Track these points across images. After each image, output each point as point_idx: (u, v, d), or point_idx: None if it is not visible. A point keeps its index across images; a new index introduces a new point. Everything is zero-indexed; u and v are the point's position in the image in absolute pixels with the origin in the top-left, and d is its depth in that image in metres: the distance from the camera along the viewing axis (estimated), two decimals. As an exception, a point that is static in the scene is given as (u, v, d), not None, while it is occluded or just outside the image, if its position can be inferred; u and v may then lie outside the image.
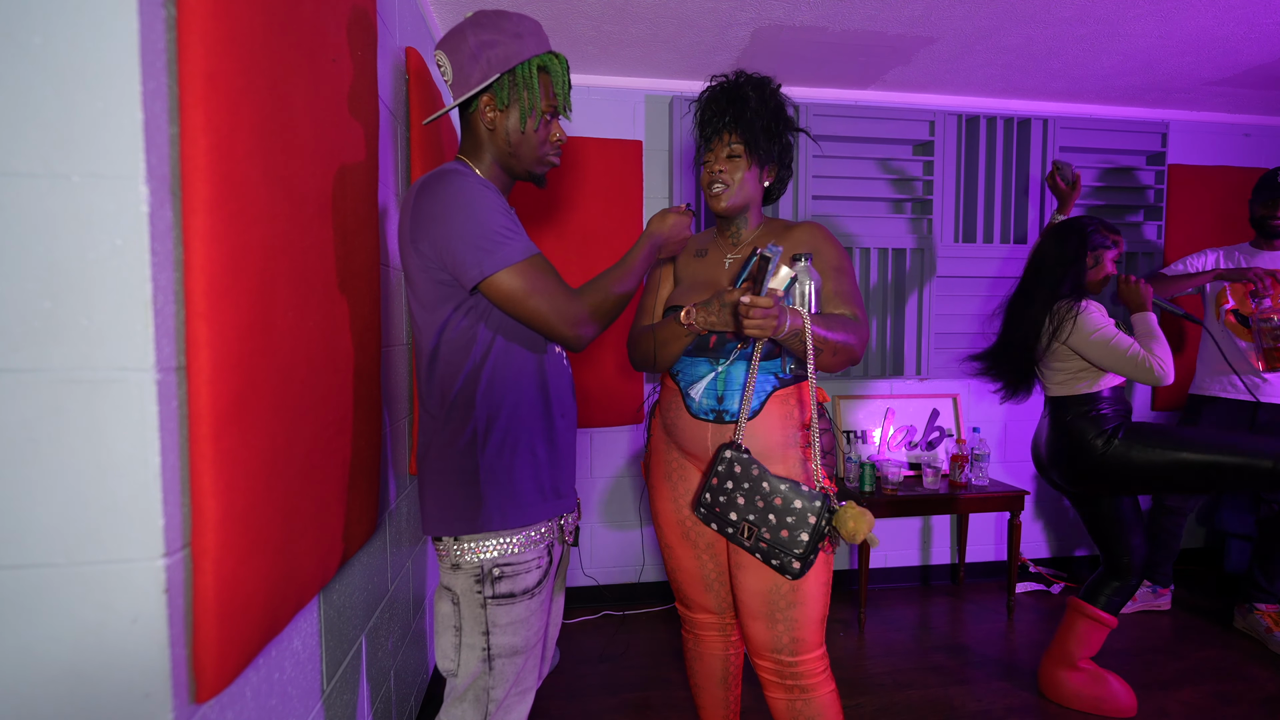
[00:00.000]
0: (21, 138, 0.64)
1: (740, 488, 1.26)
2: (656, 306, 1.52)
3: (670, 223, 1.31)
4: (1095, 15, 2.11)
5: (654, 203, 2.75)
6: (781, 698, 1.37)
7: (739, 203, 1.39)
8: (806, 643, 1.34)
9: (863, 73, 2.62)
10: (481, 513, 1.09)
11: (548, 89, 1.15)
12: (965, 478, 2.72)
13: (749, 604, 1.36)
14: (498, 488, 1.10)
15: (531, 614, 1.12)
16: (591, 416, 2.66)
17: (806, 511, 1.22)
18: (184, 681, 0.74)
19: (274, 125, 0.87)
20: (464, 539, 1.10)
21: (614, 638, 2.53)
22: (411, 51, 1.71)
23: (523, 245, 1.07)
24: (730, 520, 1.27)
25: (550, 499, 1.15)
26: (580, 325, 1.11)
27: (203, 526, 0.75)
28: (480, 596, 1.09)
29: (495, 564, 1.09)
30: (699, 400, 1.37)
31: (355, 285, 1.21)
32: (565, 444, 1.19)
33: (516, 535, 1.10)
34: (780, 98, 1.39)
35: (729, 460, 1.28)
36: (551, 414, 1.16)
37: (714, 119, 1.37)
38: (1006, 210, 2.90)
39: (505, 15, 1.12)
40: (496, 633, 1.09)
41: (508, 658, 1.11)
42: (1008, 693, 2.15)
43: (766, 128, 1.36)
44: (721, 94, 1.37)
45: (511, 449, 1.11)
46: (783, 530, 1.23)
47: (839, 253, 1.40)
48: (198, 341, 0.73)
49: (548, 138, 1.18)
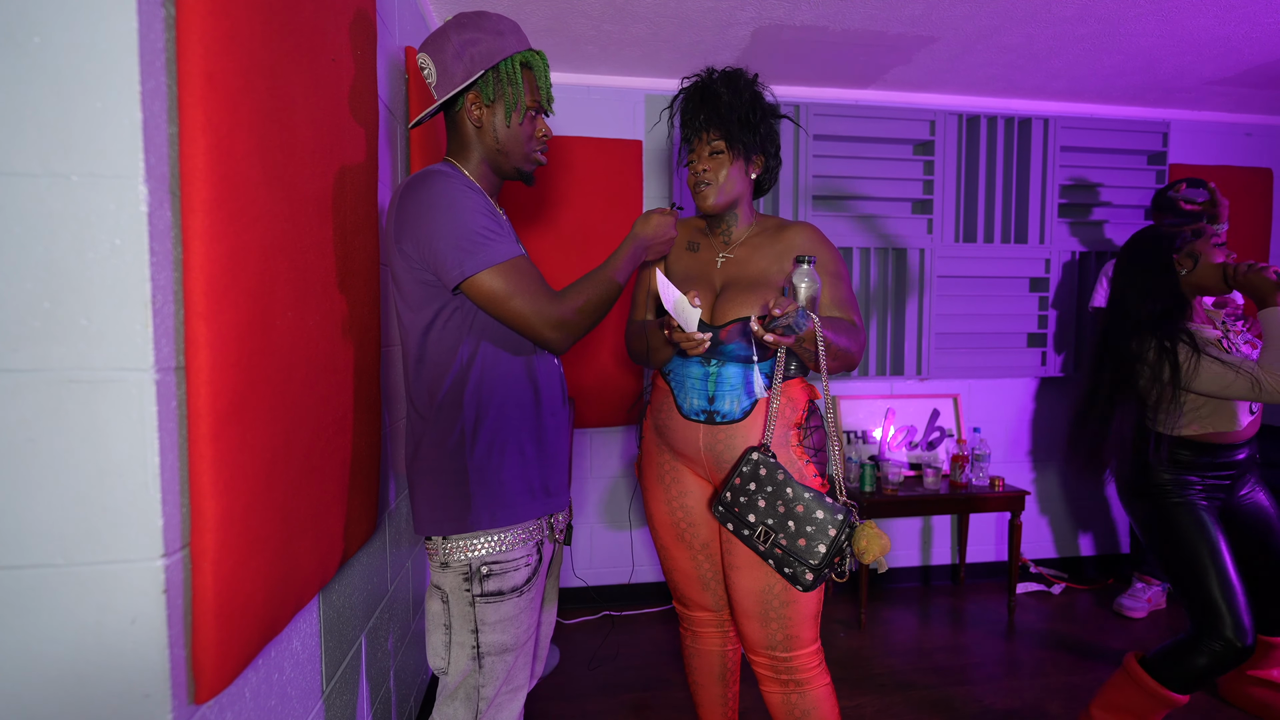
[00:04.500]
0: (21, 138, 0.64)
1: (763, 491, 1.26)
2: (650, 301, 1.52)
3: (654, 224, 1.30)
4: (1096, 14, 2.11)
5: (654, 203, 2.75)
6: (777, 691, 1.39)
7: (727, 200, 1.39)
8: (800, 639, 1.35)
9: (863, 72, 2.61)
10: (470, 513, 1.09)
11: (531, 85, 1.15)
12: (966, 478, 2.72)
13: (743, 603, 1.37)
14: (486, 488, 1.10)
15: (520, 612, 1.12)
16: (591, 417, 2.66)
17: (827, 524, 1.22)
18: (183, 682, 0.74)
19: (274, 125, 0.87)
20: (453, 537, 1.10)
21: (613, 638, 2.53)
22: (411, 51, 1.71)
23: (505, 247, 1.07)
24: (748, 522, 1.27)
25: (540, 498, 1.15)
26: (560, 328, 1.10)
27: (202, 527, 0.74)
28: (469, 594, 1.09)
29: (483, 562, 1.09)
30: (690, 401, 1.38)
31: (355, 285, 1.21)
32: (555, 443, 1.19)
33: (505, 534, 1.11)
34: (755, 86, 1.38)
35: (755, 462, 1.28)
36: (541, 413, 1.16)
37: (691, 119, 1.38)
38: (1007, 210, 2.90)
39: (485, 15, 1.13)
40: (485, 630, 1.10)
41: (497, 655, 1.11)
42: (1008, 693, 2.15)
43: (743, 119, 1.35)
44: (695, 93, 1.37)
45: (500, 449, 1.11)
46: (800, 539, 1.23)
47: (835, 258, 1.40)
48: (197, 341, 0.73)
49: (534, 133, 1.18)
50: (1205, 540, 1.65)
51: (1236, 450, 1.72)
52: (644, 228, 1.29)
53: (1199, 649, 1.62)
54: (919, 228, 2.85)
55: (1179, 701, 1.65)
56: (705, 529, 1.46)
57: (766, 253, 1.40)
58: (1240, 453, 1.73)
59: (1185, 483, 1.70)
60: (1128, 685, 1.71)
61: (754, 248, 1.41)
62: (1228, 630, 1.59)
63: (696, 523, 1.46)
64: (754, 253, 1.40)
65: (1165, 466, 1.71)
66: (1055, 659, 2.36)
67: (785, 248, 1.39)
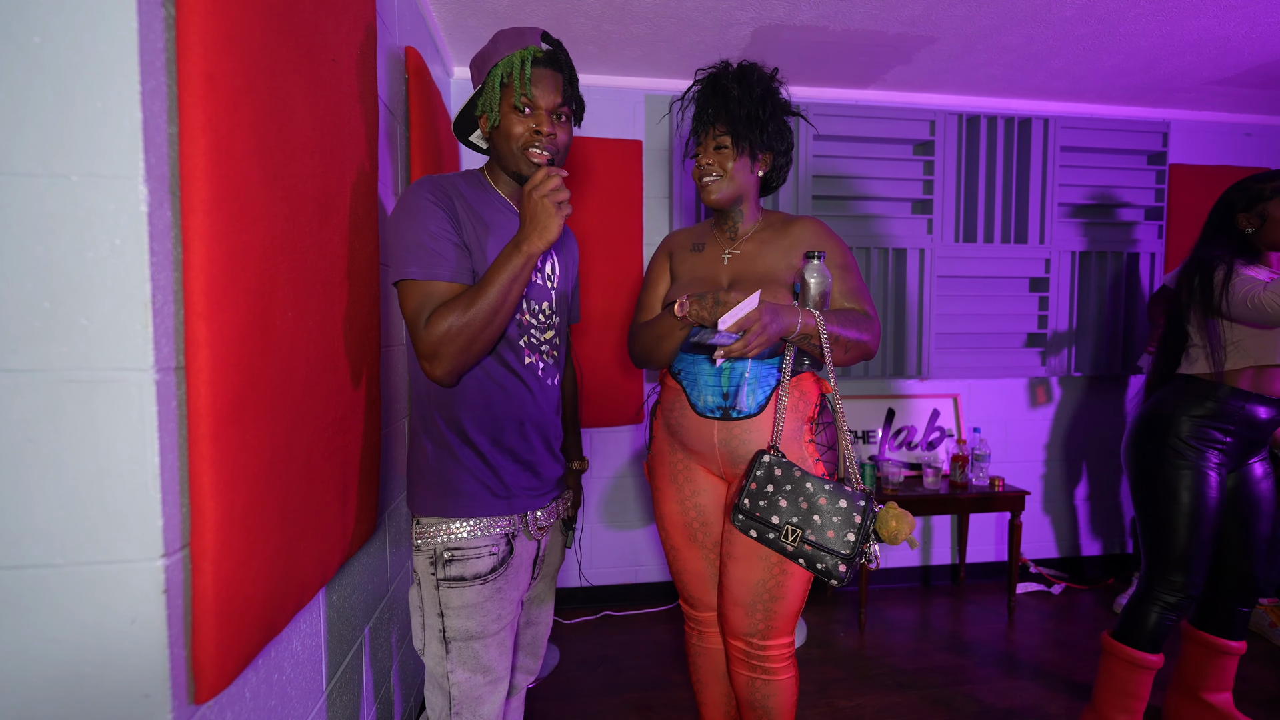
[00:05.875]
0: (21, 137, 0.64)
1: (782, 490, 1.26)
2: (655, 305, 1.51)
3: (531, 205, 1.07)
4: (1096, 14, 2.11)
5: (654, 202, 2.75)
6: (744, 674, 1.42)
7: (730, 194, 1.38)
8: (778, 630, 1.38)
9: (863, 72, 2.61)
10: (433, 499, 1.14)
11: (511, 85, 1.13)
12: (966, 478, 2.72)
13: (734, 591, 1.38)
14: (443, 480, 1.14)
15: (485, 600, 1.13)
16: (591, 416, 2.66)
17: (852, 511, 1.22)
18: (183, 682, 0.74)
19: (274, 125, 0.87)
20: (424, 522, 1.15)
21: (614, 638, 2.53)
22: (411, 51, 1.71)
23: (429, 265, 1.05)
24: (773, 524, 1.26)
25: (500, 498, 1.16)
26: (427, 358, 1.05)
27: (202, 527, 0.74)
28: (434, 578, 1.13)
29: (445, 547, 1.13)
30: (704, 398, 1.38)
31: (355, 285, 1.21)
32: (521, 447, 1.18)
33: (465, 523, 1.14)
34: (769, 83, 1.38)
35: (768, 464, 1.28)
36: (507, 415, 1.16)
37: (700, 112, 1.38)
38: (1007, 210, 2.90)
39: (505, 30, 1.17)
40: (450, 615, 1.13)
41: (463, 642, 1.13)
42: (1008, 693, 2.15)
43: (752, 116, 1.34)
44: (706, 86, 1.38)
45: (453, 446, 1.14)
46: (829, 531, 1.22)
47: (843, 250, 1.40)
48: (197, 341, 0.73)
49: (513, 133, 1.14)
50: (1196, 508, 1.69)
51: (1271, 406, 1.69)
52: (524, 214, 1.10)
53: (1151, 602, 1.73)
54: (919, 228, 2.85)
55: (1152, 661, 1.73)
56: (717, 527, 1.47)
57: (774, 248, 1.40)
58: (1270, 411, 1.69)
59: (1202, 451, 1.71)
60: (1110, 661, 1.79)
61: (761, 244, 1.41)
62: (1181, 588, 1.70)
63: (710, 521, 1.46)
64: (761, 249, 1.40)
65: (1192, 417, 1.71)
66: (1055, 659, 2.36)
67: (792, 243, 1.39)
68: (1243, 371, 1.68)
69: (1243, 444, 1.72)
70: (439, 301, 1.05)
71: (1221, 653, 1.81)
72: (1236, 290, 1.63)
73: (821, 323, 1.23)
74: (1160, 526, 1.73)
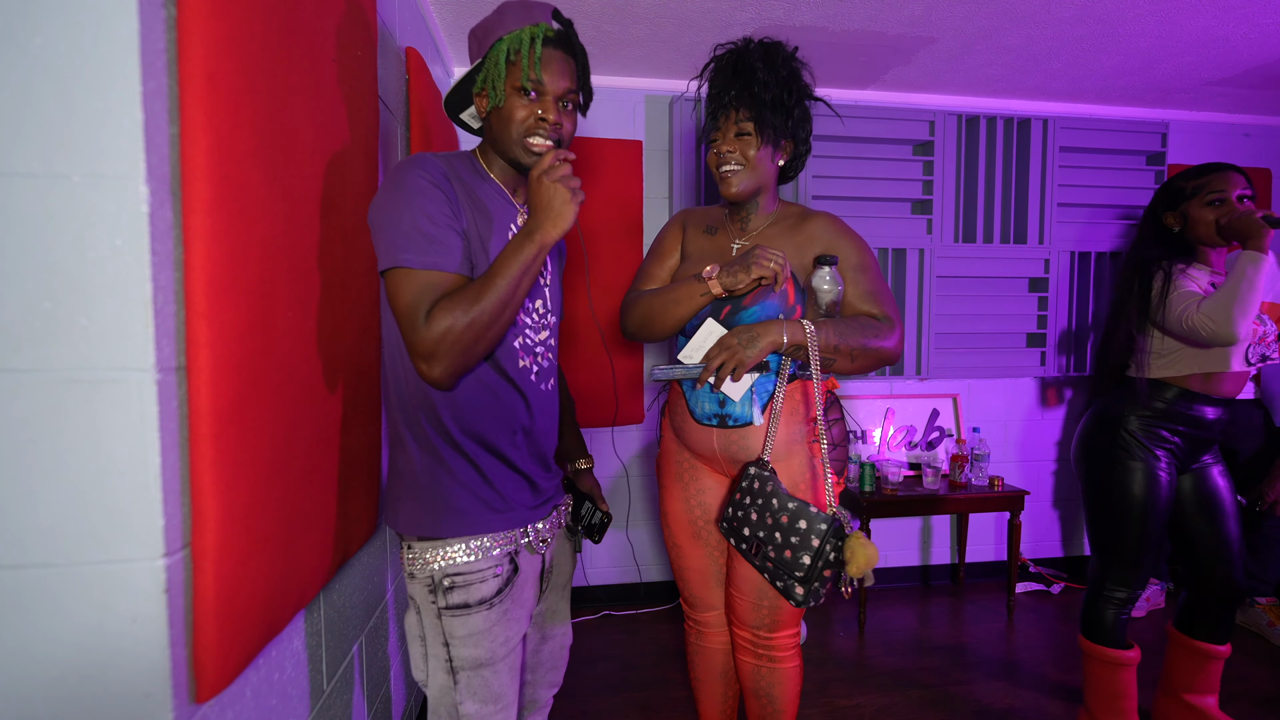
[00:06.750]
0: (21, 138, 0.64)
1: (755, 504, 1.25)
2: (662, 274, 1.43)
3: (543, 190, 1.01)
4: (1095, 15, 2.11)
5: (654, 202, 2.75)
6: (749, 662, 1.44)
7: (752, 186, 1.29)
8: (783, 623, 1.39)
9: (863, 73, 2.61)
10: (424, 516, 1.04)
11: (518, 64, 1.02)
12: (965, 478, 2.72)
13: (741, 586, 1.40)
14: (434, 494, 1.04)
15: (493, 625, 1.05)
16: (590, 416, 2.66)
17: (810, 534, 1.17)
18: (184, 681, 0.74)
19: (274, 125, 0.87)
20: (415, 545, 1.05)
21: (614, 638, 2.53)
22: (411, 51, 1.71)
23: (428, 253, 0.94)
24: (744, 536, 1.27)
25: (498, 511, 1.06)
26: (424, 358, 0.93)
27: (203, 526, 0.74)
28: (435, 607, 1.04)
29: (445, 574, 1.03)
30: (701, 407, 1.37)
31: (355, 285, 1.21)
32: (518, 456, 1.09)
33: (462, 544, 1.03)
34: (793, 64, 1.27)
35: (751, 476, 1.28)
36: (500, 422, 1.06)
37: (720, 94, 1.25)
38: (1006, 210, 2.90)
39: (508, 2, 1.06)
40: (456, 644, 1.04)
41: (472, 670, 1.05)
42: (1008, 693, 2.15)
43: (776, 100, 1.23)
44: (727, 65, 1.25)
45: (444, 455, 1.03)
46: (786, 550, 1.19)
47: (860, 249, 1.31)
48: (198, 341, 0.73)
49: (516, 116, 1.03)
50: (1147, 506, 1.70)
51: (1218, 406, 1.69)
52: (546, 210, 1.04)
53: (1104, 601, 1.77)
54: (918, 228, 2.85)
55: (1126, 658, 1.75)
56: None
57: (785, 244, 1.31)
58: (1217, 411, 1.70)
59: (1152, 450, 1.70)
60: (1089, 662, 1.82)
61: (772, 238, 1.33)
62: (1129, 583, 1.75)
63: (714, 519, 1.46)
64: (771, 244, 1.32)
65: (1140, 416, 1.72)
66: (1055, 659, 2.37)
67: (805, 240, 1.31)
68: (1190, 375, 1.69)
69: (1190, 443, 1.73)
70: (439, 294, 0.93)
71: (1207, 657, 1.81)
72: (1174, 307, 1.64)
73: (811, 335, 1.17)
74: (1111, 524, 1.75)
